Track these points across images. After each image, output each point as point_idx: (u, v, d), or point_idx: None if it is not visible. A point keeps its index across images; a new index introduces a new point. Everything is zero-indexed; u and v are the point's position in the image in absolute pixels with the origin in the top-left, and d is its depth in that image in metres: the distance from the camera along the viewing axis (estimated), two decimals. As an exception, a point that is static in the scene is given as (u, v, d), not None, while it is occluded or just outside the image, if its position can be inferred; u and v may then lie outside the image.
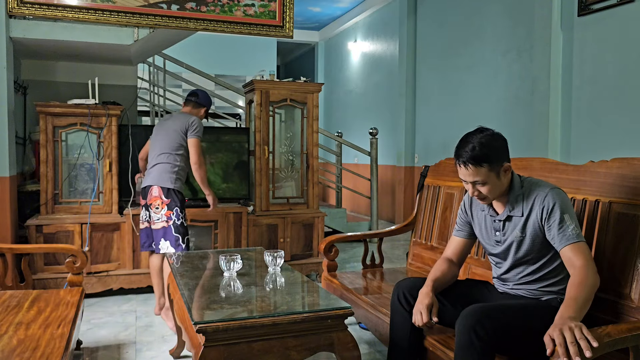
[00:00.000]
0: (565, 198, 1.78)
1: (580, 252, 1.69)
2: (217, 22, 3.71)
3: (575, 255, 1.69)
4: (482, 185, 1.80)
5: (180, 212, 3.04)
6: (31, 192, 3.76)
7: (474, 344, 1.58)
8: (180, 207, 3.05)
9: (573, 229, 1.72)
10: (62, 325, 1.92)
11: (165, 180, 3.03)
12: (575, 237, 1.71)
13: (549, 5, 4.50)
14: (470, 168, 1.78)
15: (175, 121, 3.15)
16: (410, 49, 6.99)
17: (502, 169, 1.80)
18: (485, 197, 1.83)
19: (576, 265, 1.68)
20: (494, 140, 1.80)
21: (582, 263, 1.67)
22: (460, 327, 1.63)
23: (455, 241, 2.09)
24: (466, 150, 1.78)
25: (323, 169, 6.83)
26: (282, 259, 2.25)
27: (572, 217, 1.74)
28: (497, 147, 1.79)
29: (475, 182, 1.80)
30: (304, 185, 4.23)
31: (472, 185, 1.82)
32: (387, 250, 4.93)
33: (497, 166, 1.78)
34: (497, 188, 1.81)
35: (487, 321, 1.61)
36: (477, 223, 2.01)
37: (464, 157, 1.78)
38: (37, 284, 3.36)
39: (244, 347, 1.65)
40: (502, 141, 1.83)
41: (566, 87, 4.47)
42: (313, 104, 4.17)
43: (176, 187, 3.05)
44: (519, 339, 1.67)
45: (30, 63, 4.14)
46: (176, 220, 3.01)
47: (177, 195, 3.04)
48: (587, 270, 1.65)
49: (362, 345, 2.69)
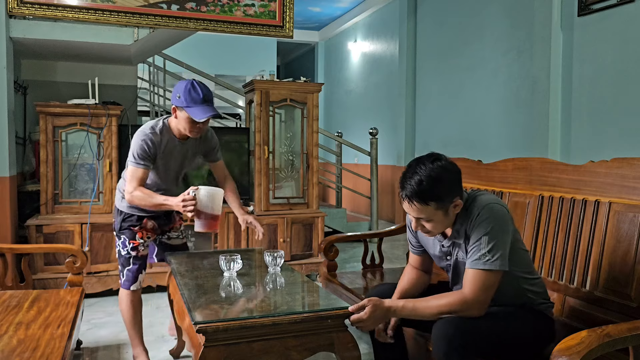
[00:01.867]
0: (499, 218, 1.61)
1: (476, 281, 1.58)
2: (217, 22, 3.71)
3: (470, 282, 1.59)
4: (427, 222, 1.64)
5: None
6: (31, 192, 3.76)
7: (451, 354, 1.54)
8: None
9: (485, 254, 1.57)
10: (62, 325, 1.92)
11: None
12: (482, 263, 1.57)
13: (549, 5, 4.50)
14: (414, 205, 1.59)
15: None
16: (410, 49, 6.99)
17: (451, 206, 1.62)
18: (429, 232, 1.68)
19: (464, 292, 1.60)
20: (445, 173, 1.60)
21: (468, 293, 1.58)
22: (436, 337, 1.58)
23: (414, 257, 1.96)
24: (411, 183, 1.58)
25: (323, 169, 6.84)
26: (282, 258, 2.25)
27: (493, 239, 1.57)
28: (448, 182, 1.60)
29: (420, 219, 1.64)
30: (304, 185, 4.23)
31: (416, 220, 1.66)
32: (387, 250, 4.93)
33: (446, 203, 1.60)
34: (443, 224, 1.65)
35: (464, 329, 1.56)
36: (426, 246, 1.89)
37: (408, 192, 1.59)
38: (37, 284, 3.36)
39: (244, 347, 1.65)
40: (454, 174, 1.63)
41: (566, 87, 4.47)
42: (313, 104, 4.17)
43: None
44: (497, 345, 1.61)
45: (30, 63, 4.14)
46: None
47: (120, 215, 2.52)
48: (466, 303, 1.58)
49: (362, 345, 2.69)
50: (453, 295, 1.64)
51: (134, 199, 2.27)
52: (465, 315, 1.60)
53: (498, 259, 1.58)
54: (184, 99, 2.26)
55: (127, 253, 2.45)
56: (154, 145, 2.31)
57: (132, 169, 2.29)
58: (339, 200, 6.53)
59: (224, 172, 2.69)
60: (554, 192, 2.17)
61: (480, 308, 1.60)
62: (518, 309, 1.72)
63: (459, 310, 1.60)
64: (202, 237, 3.89)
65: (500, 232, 1.60)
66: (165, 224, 2.61)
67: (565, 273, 2.04)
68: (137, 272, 2.47)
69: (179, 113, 2.31)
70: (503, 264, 1.60)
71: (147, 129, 2.34)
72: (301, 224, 4.14)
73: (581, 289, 1.96)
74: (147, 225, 2.49)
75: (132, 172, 2.29)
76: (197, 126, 2.32)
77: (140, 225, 2.46)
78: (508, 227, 1.63)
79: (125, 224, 2.46)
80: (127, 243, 2.45)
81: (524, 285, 1.72)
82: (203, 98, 2.28)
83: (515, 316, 1.69)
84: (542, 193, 2.21)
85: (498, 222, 1.61)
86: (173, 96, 2.31)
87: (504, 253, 1.60)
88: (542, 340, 1.69)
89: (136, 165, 2.28)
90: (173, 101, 2.31)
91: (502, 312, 1.70)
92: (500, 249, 1.59)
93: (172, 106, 2.32)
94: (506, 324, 1.65)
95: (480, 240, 1.60)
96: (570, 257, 2.04)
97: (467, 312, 1.60)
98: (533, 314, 1.72)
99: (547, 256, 2.14)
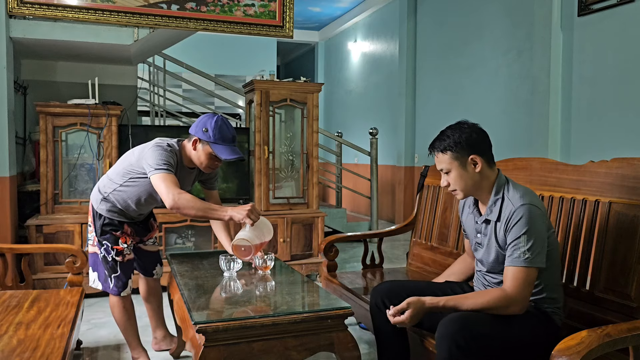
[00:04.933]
0: (535, 217, 1.67)
1: (517, 278, 1.64)
2: (217, 22, 3.71)
3: (511, 279, 1.65)
4: (448, 175, 1.79)
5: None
6: (31, 192, 3.76)
7: (454, 354, 1.54)
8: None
9: (524, 251, 1.64)
10: (62, 325, 1.92)
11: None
12: (522, 261, 1.64)
13: (549, 6, 4.50)
14: (436, 155, 1.80)
15: None
16: (410, 49, 6.99)
17: (468, 160, 1.75)
18: (455, 190, 1.80)
19: (505, 289, 1.66)
20: (465, 131, 1.76)
21: (510, 290, 1.64)
22: (440, 336, 1.59)
23: (467, 242, 2.08)
24: (437, 138, 1.81)
25: (323, 169, 6.83)
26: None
27: (531, 238, 1.65)
28: (466, 138, 1.75)
29: (442, 171, 1.80)
30: (304, 185, 4.23)
31: (442, 175, 1.82)
32: (387, 250, 4.93)
33: (461, 156, 1.75)
34: (462, 180, 1.77)
35: (468, 330, 1.57)
36: (464, 222, 2.00)
37: (432, 145, 1.82)
38: (37, 284, 3.36)
39: (244, 347, 1.65)
40: (476, 135, 1.77)
41: (566, 87, 4.47)
42: (313, 104, 4.17)
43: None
44: (500, 348, 1.62)
45: (30, 63, 4.14)
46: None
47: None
48: (508, 299, 1.64)
49: (362, 345, 2.69)
50: (494, 292, 1.68)
51: (180, 201, 2.09)
52: (506, 312, 1.64)
53: (537, 255, 1.65)
54: (211, 134, 2.19)
55: (112, 259, 2.37)
56: (174, 161, 2.24)
57: (164, 175, 2.14)
58: (339, 200, 6.53)
59: (218, 202, 2.57)
60: (554, 192, 2.17)
61: (521, 304, 1.65)
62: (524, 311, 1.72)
63: (501, 307, 1.64)
64: (202, 237, 3.89)
65: (537, 231, 1.67)
66: (144, 234, 2.55)
67: (565, 273, 2.04)
68: (125, 278, 2.41)
69: (201, 146, 2.24)
70: (542, 260, 1.66)
71: (165, 145, 2.24)
72: (301, 224, 4.14)
73: (581, 289, 1.96)
74: (127, 230, 2.44)
75: (165, 178, 2.14)
76: (215, 163, 2.27)
77: (122, 230, 2.41)
78: (544, 226, 1.70)
79: (107, 228, 2.38)
80: (110, 249, 2.37)
81: (545, 283, 1.75)
82: (232, 138, 2.23)
83: (519, 318, 1.69)
84: (542, 193, 2.21)
85: (535, 222, 1.67)
86: (198, 128, 2.23)
87: (542, 250, 1.66)
88: (545, 345, 1.68)
89: (167, 172, 2.15)
90: (197, 133, 2.23)
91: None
92: (539, 246, 1.66)
93: (194, 137, 2.25)
94: (510, 325, 1.65)
95: (519, 239, 1.66)
96: (570, 257, 2.04)
97: (508, 309, 1.64)
98: (538, 317, 1.72)
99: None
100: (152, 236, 2.62)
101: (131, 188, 2.34)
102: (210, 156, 2.24)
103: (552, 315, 1.75)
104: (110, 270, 2.38)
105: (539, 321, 1.72)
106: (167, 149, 2.23)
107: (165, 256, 3.19)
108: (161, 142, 2.27)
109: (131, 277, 2.46)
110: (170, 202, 2.10)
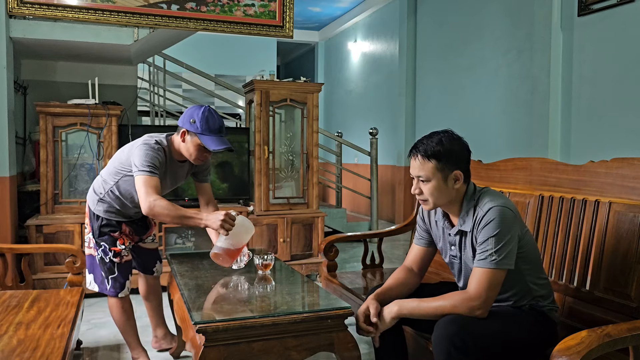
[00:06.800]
0: (505, 218, 1.63)
1: (481, 279, 1.61)
2: (217, 22, 3.71)
3: (476, 280, 1.62)
4: (425, 183, 1.69)
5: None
6: (31, 192, 3.76)
7: (453, 355, 1.53)
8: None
9: (492, 253, 1.60)
10: (62, 325, 1.92)
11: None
12: (489, 262, 1.61)
13: (549, 6, 4.50)
14: (418, 160, 1.69)
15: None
16: (410, 49, 6.99)
17: (451, 175, 1.68)
18: (426, 200, 1.72)
19: (468, 290, 1.63)
20: (454, 142, 1.69)
21: (473, 291, 1.61)
22: (438, 337, 1.58)
23: (415, 249, 1.97)
24: (422, 142, 1.70)
25: (323, 169, 6.83)
26: (272, 260, 2.23)
27: (501, 240, 1.61)
28: (454, 151, 1.68)
29: (419, 178, 1.70)
30: (304, 185, 4.23)
31: (416, 181, 1.72)
32: (387, 250, 4.93)
33: (446, 169, 1.67)
34: (440, 193, 1.69)
35: (466, 331, 1.55)
36: (435, 235, 1.91)
37: (416, 148, 1.71)
38: (37, 284, 3.36)
39: (244, 347, 1.65)
40: (463, 150, 1.71)
41: (566, 87, 4.47)
42: (313, 104, 4.17)
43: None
44: (498, 346, 1.61)
45: (30, 63, 4.14)
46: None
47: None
48: (470, 300, 1.60)
49: (362, 345, 2.69)
50: (457, 295, 1.65)
51: (156, 208, 2.08)
52: (469, 314, 1.60)
53: (504, 258, 1.61)
54: (199, 126, 2.18)
55: (109, 261, 2.36)
56: (161, 159, 2.23)
57: (146, 177, 2.13)
58: (339, 200, 6.53)
59: (210, 196, 2.53)
60: (554, 192, 2.17)
61: (484, 307, 1.61)
62: (520, 311, 1.72)
63: (463, 310, 1.60)
64: (202, 237, 3.89)
65: (507, 233, 1.62)
66: (143, 232, 2.54)
67: (565, 273, 2.04)
68: (123, 279, 2.40)
69: (189, 138, 2.23)
70: (509, 262, 1.63)
71: (153, 142, 2.23)
72: (301, 224, 4.14)
73: (581, 289, 1.96)
74: (126, 230, 2.43)
75: (146, 181, 2.12)
76: (204, 154, 2.26)
77: (120, 230, 2.40)
78: (515, 228, 1.65)
79: (105, 230, 2.36)
80: (107, 250, 2.36)
81: (530, 284, 1.73)
82: (219, 128, 2.22)
83: (517, 317, 1.68)
84: (542, 193, 2.21)
85: (505, 223, 1.63)
86: (185, 120, 2.23)
87: (510, 253, 1.62)
88: (544, 343, 1.68)
89: (150, 174, 2.13)
90: (185, 125, 2.22)
91: (503, 313, 1.69)
92: (507, 249, 1.62)
93: (182, 129, 2.24)
94: (508, 325, 1.65)
95: (487, 242, 1.62)
96: (570, 257, 2.04)
97: (470, 312, 1.60)
98: (535, 316, 1.72)
99: (547, 256, 2.14)
100: (150, 233, 2.62)
101: (124, 186, 2.33)
102: (199, 147, 2.23)
103: (548, 312, 1.75)
104: (108, 272, 2.37)
105: (536, 319, 1.71)
106: (155, 147, 2.22)
107: (166, 256, 3.20)
108: (149, 139, 2.26)
109: (129, 278, 2.45)
110: (145, 208, 2.10)
